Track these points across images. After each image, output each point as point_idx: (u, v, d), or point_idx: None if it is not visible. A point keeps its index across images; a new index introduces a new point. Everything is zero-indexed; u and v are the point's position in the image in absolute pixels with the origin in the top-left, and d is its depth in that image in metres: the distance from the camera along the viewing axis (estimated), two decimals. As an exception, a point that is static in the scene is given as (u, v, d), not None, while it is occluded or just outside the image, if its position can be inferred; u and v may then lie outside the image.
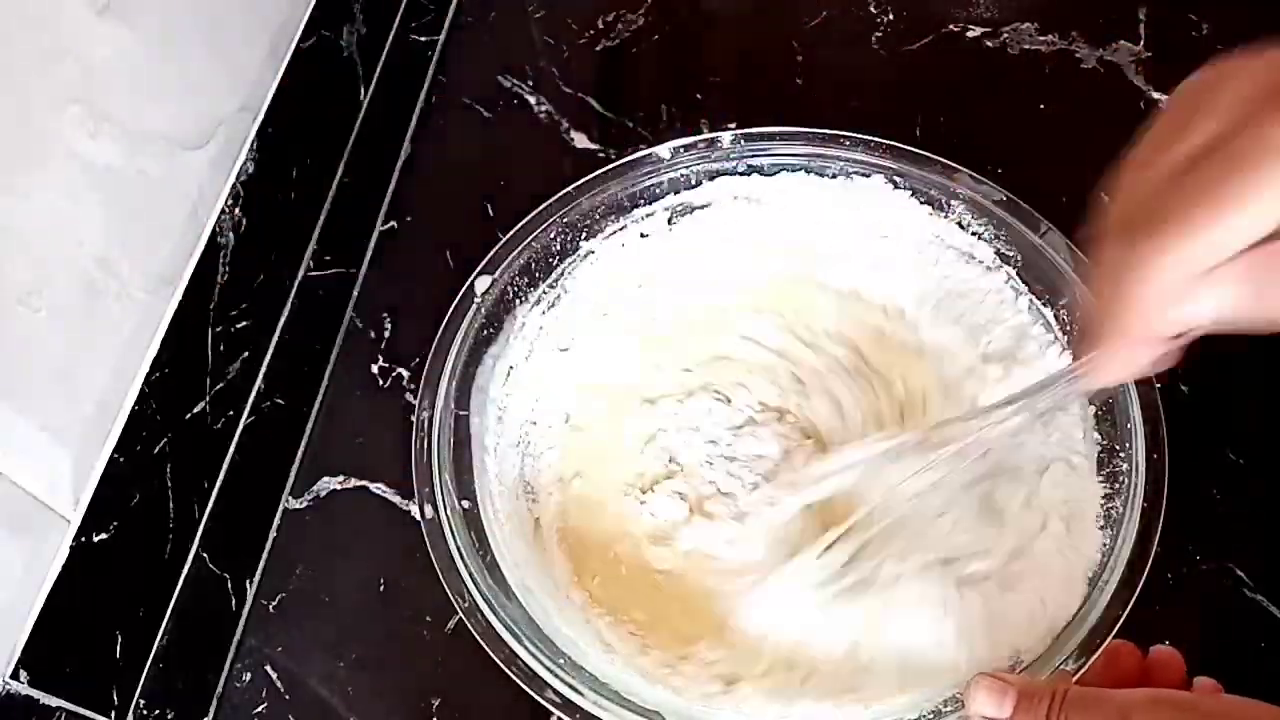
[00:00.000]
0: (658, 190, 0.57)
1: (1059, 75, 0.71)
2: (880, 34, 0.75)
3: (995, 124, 0.58)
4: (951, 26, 0.74)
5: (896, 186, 0.55)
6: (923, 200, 0.55)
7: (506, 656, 0.44)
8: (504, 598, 0.46)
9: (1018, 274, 0.53)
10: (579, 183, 0.56)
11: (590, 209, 0.56)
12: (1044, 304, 0.52)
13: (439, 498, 0.48)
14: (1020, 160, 0.55)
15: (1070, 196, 0.54)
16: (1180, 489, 0.53)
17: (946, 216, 0.55)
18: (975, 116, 0.60)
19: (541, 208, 0.55)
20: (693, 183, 0.57)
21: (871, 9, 0.76)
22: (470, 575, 0.46)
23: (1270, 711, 0.33)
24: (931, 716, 0.42)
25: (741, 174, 0.57)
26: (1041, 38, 0.73)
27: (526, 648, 0.44)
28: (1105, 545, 0.45)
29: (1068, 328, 0.51)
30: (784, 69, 0.74)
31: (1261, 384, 0.57)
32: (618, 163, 0.56)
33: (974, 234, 0.54)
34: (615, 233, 0.57)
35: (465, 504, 0.49)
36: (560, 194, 0.56)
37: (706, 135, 0.57)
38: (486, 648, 0.44)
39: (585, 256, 0.57)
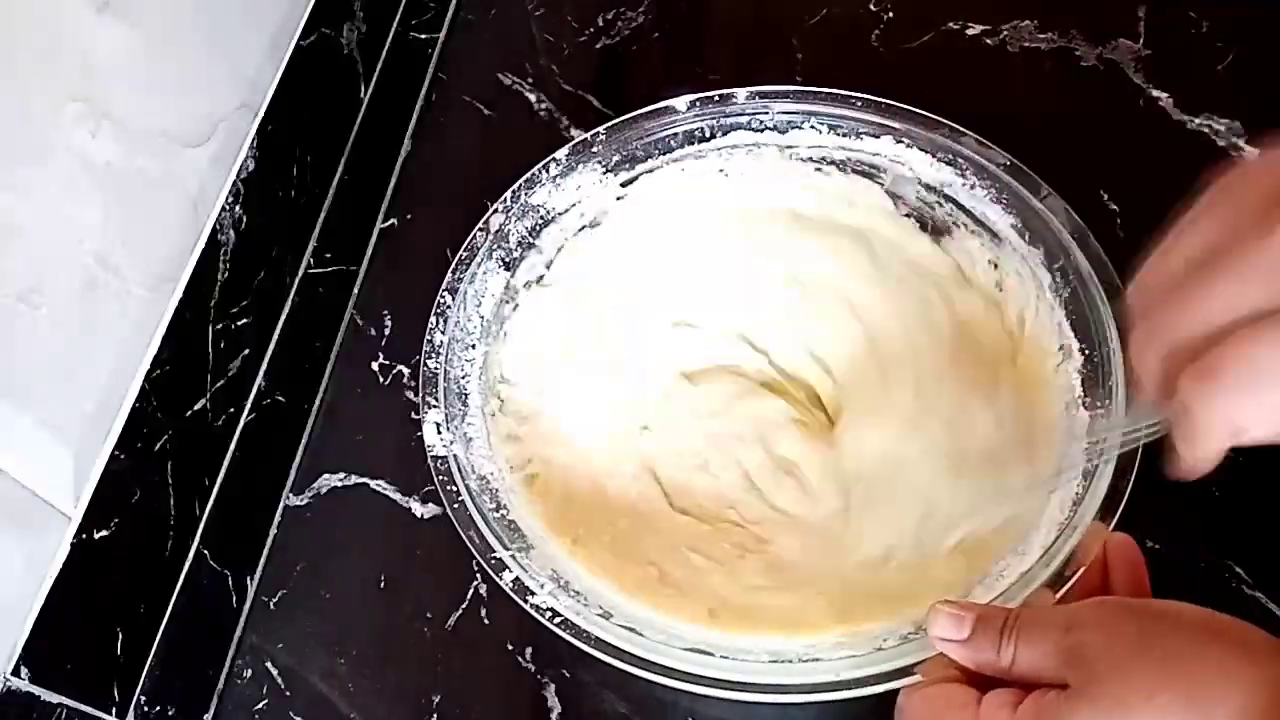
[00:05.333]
0: (672, 143, 0.60)
1: (1058, 73, 0.71)
2: (880, 31, 0.75)
3: (994, 122, 0.58)
4: (951, 24, 0.74)
5: (907, 148, 0.58)
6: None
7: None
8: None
9: (1017, 234, 0.55)
10: (595, 130, 0.59)
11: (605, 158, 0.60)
12: (1042, 266, 0.53)
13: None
14: (1020, 158, 0.56)
15: (1069, 194, 0.54)
16: (1180, 488, 0.53)
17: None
18: (974, 114, 0.60)
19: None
20: (706, 135, 0.59)
21: (871, 7, 0.76)
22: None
23: (1213, 617, 0.34)
24: (900, 642, 0.43)
25: (755, 130, 0.60)
26: (1041, 35, 0.73)
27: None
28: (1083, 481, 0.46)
29: (1061, 290, 0.52)
30: (784, 67, 0.74)
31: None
32: (633, 114, 0.59)
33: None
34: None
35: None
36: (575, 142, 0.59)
37: (722, 91, 0.59)
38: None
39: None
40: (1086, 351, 0.50)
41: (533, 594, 0.46)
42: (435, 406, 0.52)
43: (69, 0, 0.46)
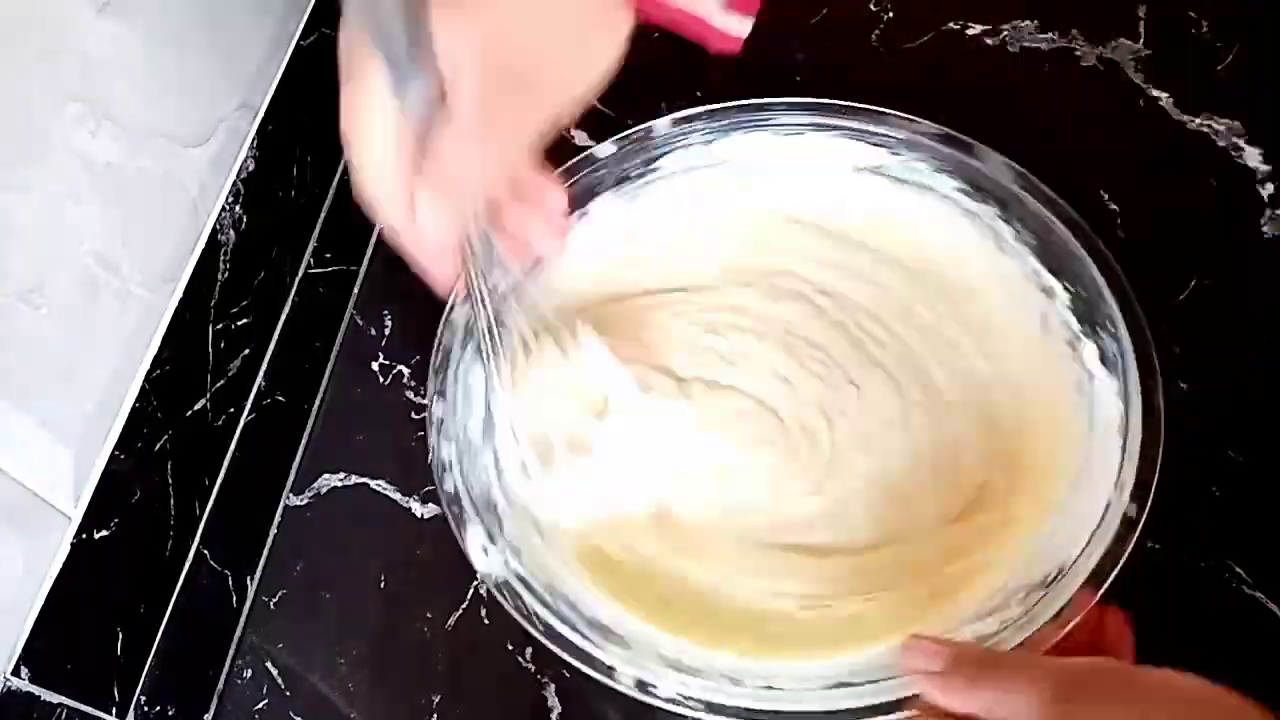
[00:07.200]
0: (600, 189, 0.59)
1: (1058, 73, 0.71)
2: (880, 31, 0.75)
3: (994, 121, 0.58)
4: (951, 24, 0.74)
5: (836, 137, 0.59)
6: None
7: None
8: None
9: (966, 196, 0.56)
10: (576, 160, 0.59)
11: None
12: (999, 220, 0.54)
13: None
14: (1020, 158, 0.56)
15: (1070, 193, 0.54)
16: (1180, 489, 0.53)
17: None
18: (974, 114, 0.60)
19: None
20: (636, 175, 0.60)
21: (872, 6, 0.76)
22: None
23: (1204, 689, 0.34)
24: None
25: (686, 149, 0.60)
26: (1041, 35, 0.73)
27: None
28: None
29: (1025, 238, 0.53)
30: (784, 66, 0.74)
31: (1262, 384, 0.57)
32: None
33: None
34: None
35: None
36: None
37: (641, 127, 0.60)
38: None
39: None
40: (1070, 288, 0.51)
41: (655, 687, 0.45)
42: (473, 523, 0.50)
43: (69, 0, 0.46)
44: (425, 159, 0.40)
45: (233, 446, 0.57)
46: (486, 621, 0.55)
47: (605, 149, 0.59)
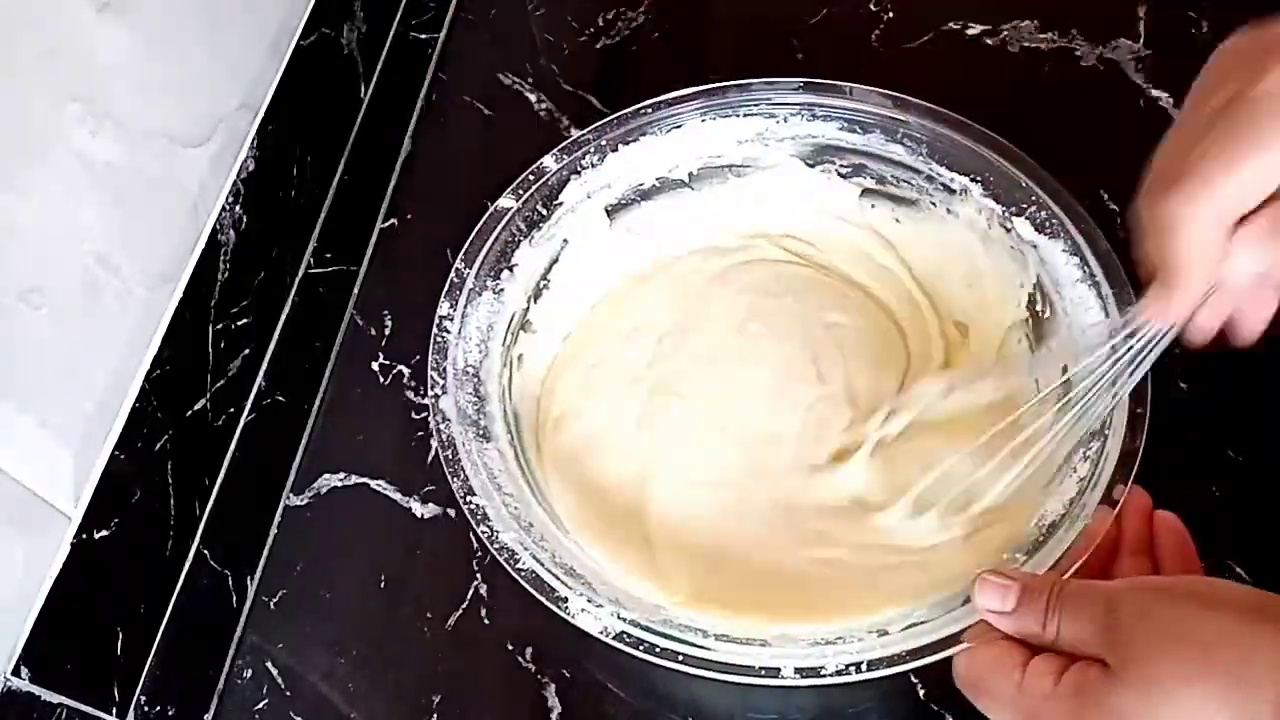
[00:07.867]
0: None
1: (1059, 73, 0.71)
2: (880, 31, 0.75)
3: (994, 122, 0.58)
4: (951, 24, 0.74)
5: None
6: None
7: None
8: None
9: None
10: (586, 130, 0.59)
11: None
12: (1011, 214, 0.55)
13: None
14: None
15: (1071, 192, 0.54)
16: (1180, 488, 0.53)
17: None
18: (975, 114, 0.60)
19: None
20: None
21: (872, 7, 0.76)
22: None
23: (1259, 598, 0.34)
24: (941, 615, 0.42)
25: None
26: (1041, 35, 0.73)
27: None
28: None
29: (1042, 226, 0.54)
30: (784, 67, 0.74)
31: (1261, 384, 0.57)
32: (623, 111, 0.60)
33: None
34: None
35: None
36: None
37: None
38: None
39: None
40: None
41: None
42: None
43: (69, 0, 0.46)
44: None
45: (233, 446, 0.57)
46: (486, 621, 0.55)
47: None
